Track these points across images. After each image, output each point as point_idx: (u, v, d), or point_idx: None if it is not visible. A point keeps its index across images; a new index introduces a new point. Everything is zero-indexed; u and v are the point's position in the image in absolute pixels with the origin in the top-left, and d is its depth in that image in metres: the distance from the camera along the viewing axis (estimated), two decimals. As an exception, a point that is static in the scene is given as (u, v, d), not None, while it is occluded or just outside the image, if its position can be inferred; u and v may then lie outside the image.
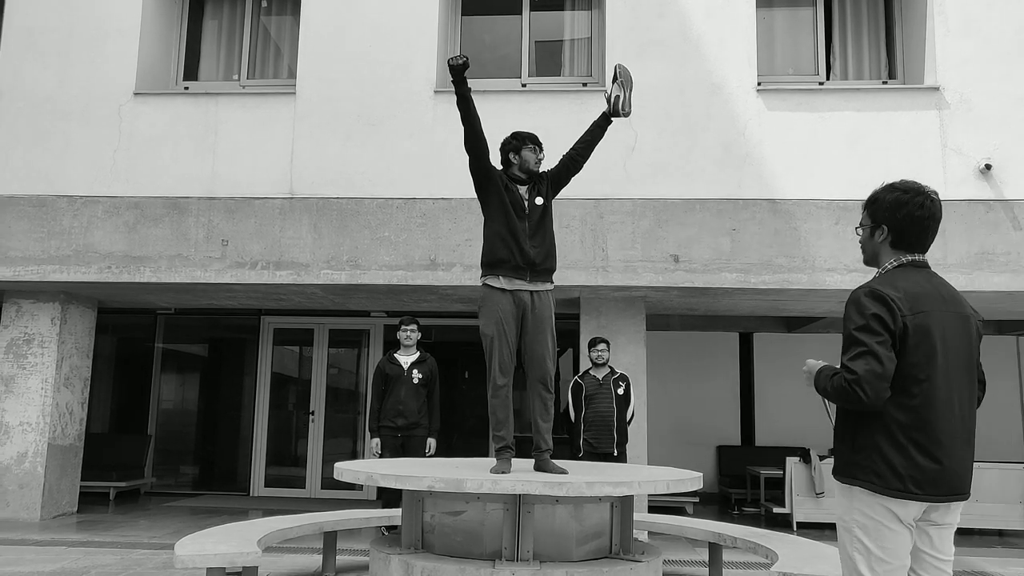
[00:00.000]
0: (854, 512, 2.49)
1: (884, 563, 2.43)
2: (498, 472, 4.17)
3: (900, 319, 2.44)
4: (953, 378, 2.48)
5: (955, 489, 2.45)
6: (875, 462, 2.44)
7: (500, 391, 4.36)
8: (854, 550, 2.48)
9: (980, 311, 8.94)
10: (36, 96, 8.22)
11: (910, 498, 2.41)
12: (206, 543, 4.52)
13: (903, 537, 2.45)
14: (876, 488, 2.43)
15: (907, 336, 2.44)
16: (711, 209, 7.63)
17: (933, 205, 2.57)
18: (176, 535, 7.45)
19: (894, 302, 2.45)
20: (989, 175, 7.51)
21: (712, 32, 7.85)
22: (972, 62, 7.68)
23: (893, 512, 2.44)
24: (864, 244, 2.72)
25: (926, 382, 2.44)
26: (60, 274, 7.93)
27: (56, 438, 8.59)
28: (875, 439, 2.45)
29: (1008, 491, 8.52)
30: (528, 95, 7.97)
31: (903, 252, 2.61)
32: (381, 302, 9.10)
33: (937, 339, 2.46)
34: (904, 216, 2.56)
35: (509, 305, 4.36)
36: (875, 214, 2.64)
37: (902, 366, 2.44)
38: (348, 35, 8.09)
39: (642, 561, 4.32)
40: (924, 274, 2.58)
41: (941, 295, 2.53)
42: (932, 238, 2.60)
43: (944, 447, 2.43)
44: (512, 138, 4.62)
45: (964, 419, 2.49)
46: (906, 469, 2.41)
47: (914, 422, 2.43)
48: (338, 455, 10.85)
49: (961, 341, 2.52)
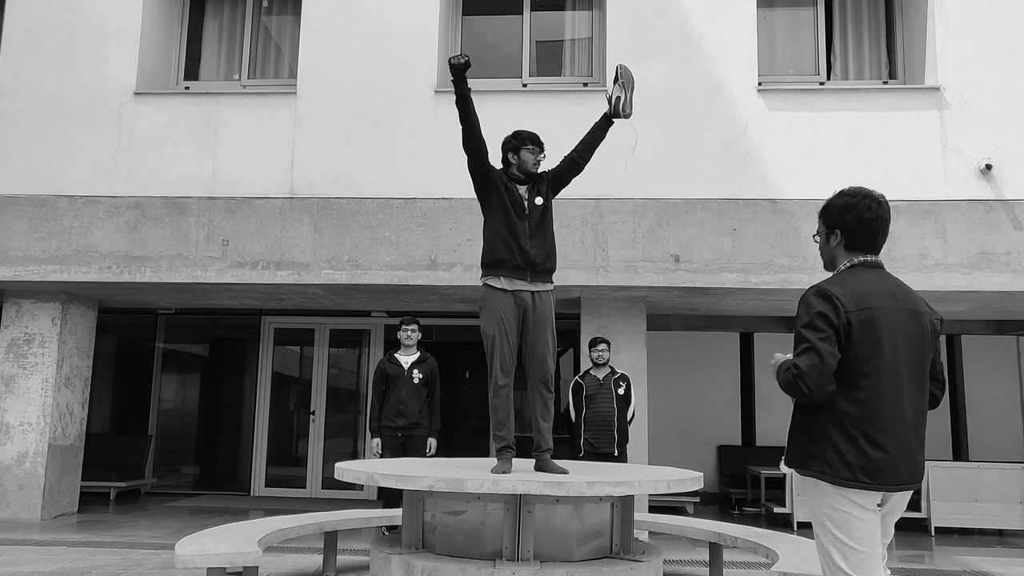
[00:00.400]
0: (823, 506, 2.58)
1: (857, 552, 2.52)
2: (499, 472, 4.17)
3: (844, 315, 2.55)
4: (902, 372, 2.58)
5: (904, 479, 2.55)
6: (827, 453, 2.55)
7: (501, 391, 4.36)
8: (829, 544, 2.57)
9: (980, 311, 8.94)
10: (37, 96, 8.22)
11: (860, 487, 2.51)
12: (207, 543, 4.52)
13: (871, 524, 2.54)
14: (827, 477, 2.54)
15: (852, 331, 2.55)
16: (712, 209, 7.63)
17: (880, 207, 2.70)
18: (176, 535, 7.46)
19: (838, 299, 2.56)
20: (990, 175, 7.51)
21: (713, 32, 7.85)
22: (973, 62, 7.68)
23: (855, 501, 2.53)
24: (822, 250, 2.85)
25: (873, 375, 2.55)
26: (61, 274, 7.94)
27: (56, 438, 8.59)
28: (827, 431, 2.57)
29: (1008, 491, 8.52)
30: (529, 95, 7.98)
31: (856, 253, 2.73)
32: (382, 302, 9.10)
33: (884, 334, 2.56)
34: (854, 219, 2.70)
35: (510, 305, 4.36)
36: (828, 220, 2.77)
37: (849, 360, 2.55)
38: (349, 35, 8.09)
39: (643, 561, 4.32)
40: (876, 273, 2.69)
41: (892, 293, 2.63)
42: (883, 239, 2.73)
43: (892, 437, 2.53)
44: (512, 137, 4.61)
45: (913, 411, 2.59)
46: (856, 459, 2.51)
47: (862, 413, 2.54)
48: (339, 455, 10.85)
49: (911, 337, 2.62)
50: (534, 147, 4.57)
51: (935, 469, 8.66)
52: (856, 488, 2.52)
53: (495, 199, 4.48)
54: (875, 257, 2.73)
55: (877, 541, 2.56)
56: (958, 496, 8.60)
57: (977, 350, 11.45)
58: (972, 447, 11.22)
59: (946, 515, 8.59)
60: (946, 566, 6.79)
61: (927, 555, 7.37)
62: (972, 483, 8.58)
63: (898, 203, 7.54)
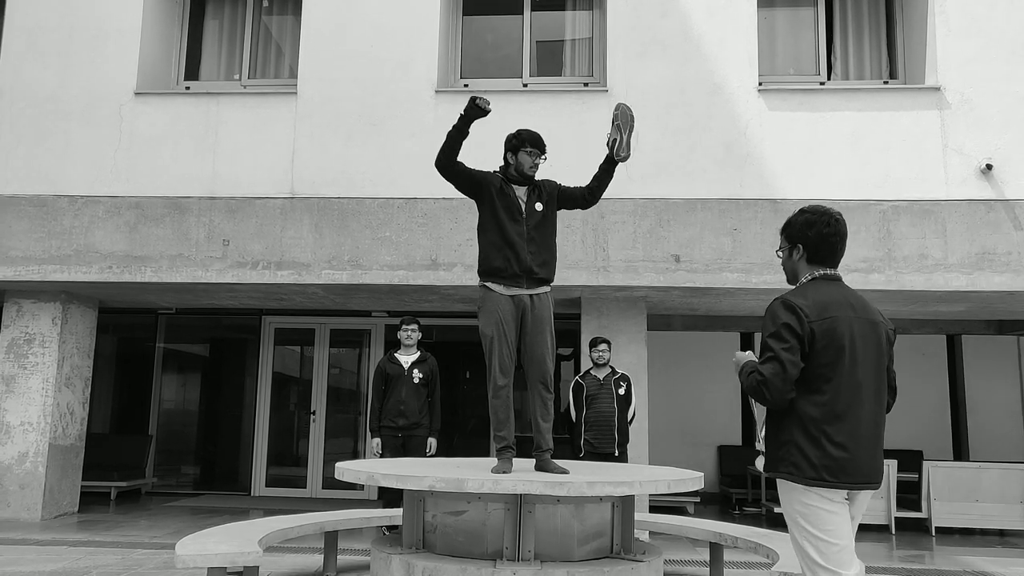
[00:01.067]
0: (794, 503, 2.74)
1: (831, 545, 2.67)
2: (499, 472, 4.17)
3: (807, 325, 2.73)
4: (861, 377, 2.76)
5: (866, 477, 2.72)
6: (793, 454, 2.73)
7: (501, 391, 4.35)
8: (803, 540, 2.72)
9: (981, 311, 8.94)
10: (37, 96, 8.22)
11: (824, 485, 2.67)
12: (207, 543, 4.52)
13: (841, 517, 2.70)
14: (794, 478, 2.71)
15: (815, 340, 2.74)
16: (712, 209, 7.63)
17: (838, 224, 2.90)
18: (177, 535, 7.46)
19: (802, 310, 2.75)
20: (990, 175, 7.51)
21: (713, 32, 7.85)
22: (973, 62, 7.68)
23: (823, 496, 2.69)
24: (784, 264, 3.03)
25: (835, 380, 2.72)
26: (61, 274, 7.94)
27: (57, 438, 8.60)
28: (793, 434, 2.74)
29: (1009, 491, 8.52)
30: (529, 95, 7.97)
31: (817, 267, 2.92)
32: (382, 302, 9.11)
33: (845, 342, 2.74)
34: (815, 234, 2.89)
35: (508, 306, 4.35)
36: (791, 236, 2.97)
37: (812, 367, 2.74)
38: (349, 35, 8.09)
39: (643, 561, 4.32)
40: (836, 286, 2.88)
41: (851, 304, 2.82)
42: (840, 254, 2.93)
43: (853, 438, 2.71)
44: (513, 137, 4.52)
45: (872, 414, 2.76)
46: (819, 459, 2.69)
47: (824, 416, 2.71)
48: (339, 455, 10.86)
49: (869, 344, 2.80)
50: (533, 150, 4.45)
51: (935, 469, 8.65)
52: (820, 486, 2.68)
53: (488, 206, 4.40)
54: (834, 271, 2.93)
55: (849, 533, 2.70)
56: (959, 496, 8.60)
57: (978, 350, 11.45)
58: (973, 447, 11.22)
59: (947, 515, 8.59)
60: (947, 566, 6.79)
61: (927, 555, 7.37)
62: (973, 483, 8.58)
63: (898, 203, 7.54)
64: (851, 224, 7.52)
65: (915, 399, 11.40)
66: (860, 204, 7.55)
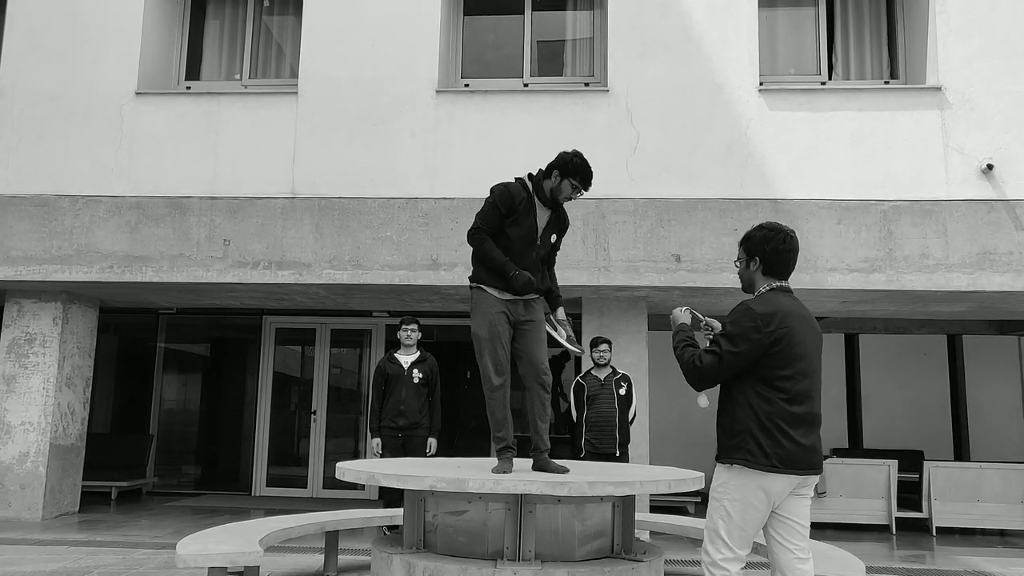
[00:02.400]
0: (728, 486, 3.13)
1: (741, 530, 3.10)
2: (500, 472, 4.16)
3: (766, 332, 3.07)
4: (810, 379, 3.14)
5: (812, 465, 3.11)
6: (748, 443, 3.08)
7: (497, 392, 4.32)
8: (719, 516, 3.14)
9: (982, 311, 8.94)
10: (38, 96, 8.23)
11: (776, 472, 3.03)
12: (208, 543, 4.52)
13: (762, 513, 3.11)
14: (751, 464, 3.05)
15: (773, 344, 3.07)
16: (713, 209, 7.62)
17: (792, 240, 3.25)
18: (178, 535, 7.46)
19: (763, 320, 3.09)
20: (991, 175, 7.51)
21: (714, 32, 7.85)
22: (974, 62, 7.68)
23: (764, 489, 3.06)
24: (741, 274, 3.37)
25: (789, 380, 3.09)
26: (62, 274, 7.94)
27: (58, 438, 8.60)
28: (748, 425, 3.09)
29: (1010, 491, 8.51)
30: (530, 95, 7.97)
31: (772, 279, 3.27)
32: (383, 302, 9.11)
33: (797, 348, 3.11)
34: (771, 249, 3.23)
35: (502, 307, 4.33)
36: (749, 249, 3.30)
37: (770, 367, 3.08)
38: (350, 35, 8.09)
39: (644, 561, 4.32)
40: (789, 297, 3.23)
41: (801, 314, 3.18)
42: (792, 267, 3.28)
43: (801, 431, 3.08)
44: (569, 161, 4.23)
45: (816, 411, 3.16)
46: (772, 448, 3.05)
47: (778, 412, 3.07)
48: (340, 455, 10.86)
49: (814, 350, 3.19)
50: (579, 186, 4.25)
51: (936, 469, 8.65)
52: (771, 473, 3.04)
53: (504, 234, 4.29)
54: (786, 283, 3.28)
55: (759, 526, 3.12)
56: (960, 496, 8.59)
57: (979, 350, 11.44)
58: (974, 447, 11.21)
59: (947, 515, 8.59)
60: (947, 566, 6.79)
61: (928, 555, 7.37)
62: (974, 483, 8.57)
63: (899, 203, 7.54)
64: (852, 224, 7.52)
65: (916, 399, 11.40)
66: (861, 204, 7.55)
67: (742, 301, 3.20)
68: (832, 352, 11.66)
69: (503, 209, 4.25)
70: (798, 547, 3.17)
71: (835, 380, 11.58)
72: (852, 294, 7.75)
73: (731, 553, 3.11)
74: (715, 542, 3.14)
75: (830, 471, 8.70)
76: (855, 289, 7.50)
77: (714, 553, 3.14)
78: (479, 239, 4.28)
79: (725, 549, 3.11)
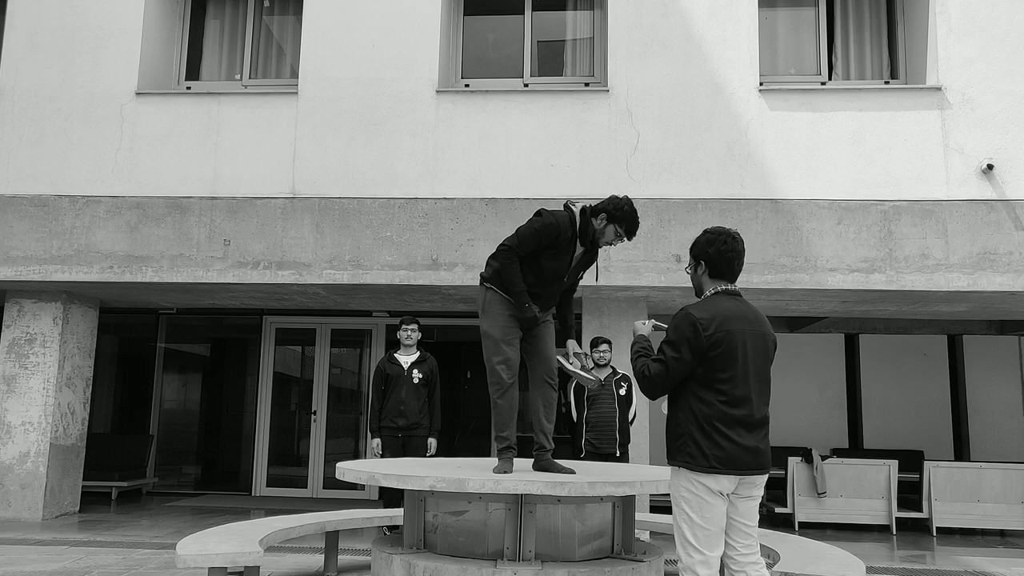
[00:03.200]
0: (680, 489, 3.20)
1: (704, 529, 3.15)
2: (501, 472, 4.17)
3: (703, 338, 3.14)
4: (750, 381, 3.20)
5: (751, 466, 3.16)
6: (689, 446, 3.17)
7: (507, 391, 4.31)
8: (682, 521, 3.20)
9: (982, 311, 8.93)
10: (38, 96, 8.23)
11: (715, 472, 3.11)
12: (208, 543, 4.52)
13: (719, 508, 3.16)
14: (690, 466, 3.15)
15: (712, 348, 3.15)
16: (714, 209, 7.62)
17: (736, 243, 3.31)
18: (178, 535, 7.46)
19: (702, 324, 3.16)
20: (991, 175, 7.50)
21: (715, 32, 7.85)
22: (975, 62, 7.67)
23: (707, 487, 3.12)
24: (692, 278, 3.43)
25: (728, 383, 3.16)
26: (62, 274, 7.94)
27: (58, 438, 8.60)
28: (689, 428, 3.18)
29: (1010, 491, 8.51)
30: (530, 95, 7.97)
31: (719, 281, 3.34)
32: (383, 302, 9.11)
33: (738, 350, 3.17)
34: (715, 252, 3.29)
35: (512, 308, 4.35)
36: (695, 254, 3.38)
37: (709, 370, 3.16)
38: (350, 35, 8.09)
39: (644, 561, 4.32)
40: (734, 300, 3.30)
41: (746, 316, 3.25)
42: (738, 269, 3.34)
43: (740, 433, 3.15)
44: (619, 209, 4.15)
45: (758, 413, 3.21)
46: (710, 449, 3.13)
47: (716, 414, 3.15)
48: (340, 455, 10.86)
49: (758, 352, 3.24)
50: (623, 235, 4.18)
51: (937, 469, 8.65)
52: (711, 474, 3.12)
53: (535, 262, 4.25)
54: (733, 286, 3.35)
55: (722, 520, 3.17)
56: (960, 496, 8.59)
57: (979, 350, 11.44)
58: (974, 447, 11.21)
59: (948, 515, 8.58)
60: (948, 566, 6.79)
61: (929, 555, 7.37)
62: (974, 483, 8.57)
63: (900, 203, 7.54)
64: (852, 224, 7.51)
65: (916, 399, 11.40)
66: (861, 204, 7.55)
67: (683, 307, 3.33)
68: (832, 352, 11.66)
69: (545, 242, 4.18)
70: (746, 546, 3.23)
71: (835, 380, 11.58)
72: (852, 294, 7.75)
73: (701, 556, 3.15)
74: (685, 547, 3.20)
75: (830, 471, 8.70)
76: (855, 289, 7.49)
77: (686, 558, 3.19)
78: (509, 259, 4.22)
79: (695, 552, 3.17)
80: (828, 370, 11.61)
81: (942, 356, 11.52)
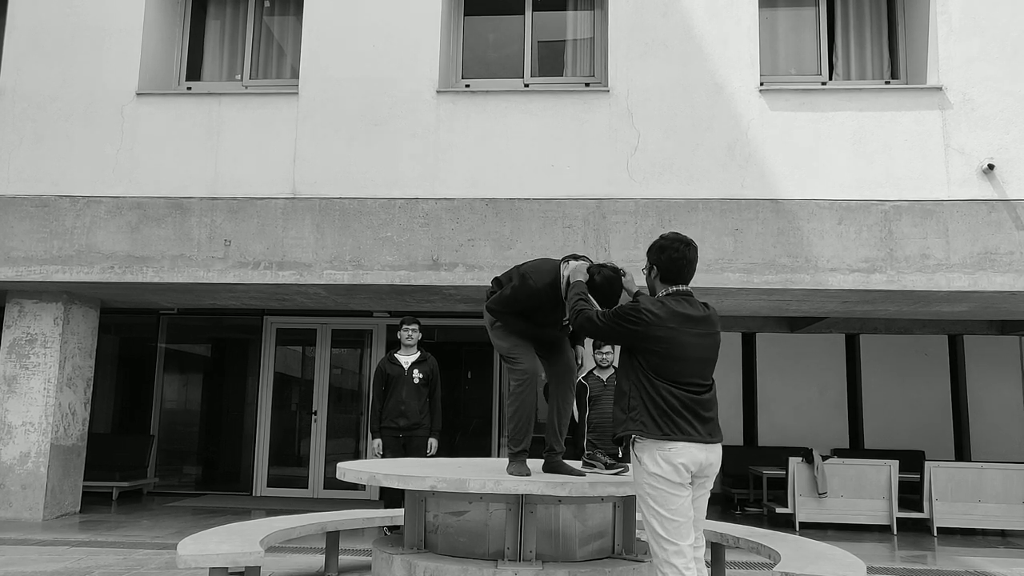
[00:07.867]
0: (644, 485, 3.34)
1: (673, 521, 3.27)
2: (516, 474, 4.12)
3: (644, 324, 3.36)
4: (692, 371, 3.40)
5: (703, 437, 3.34)
6: (642, 416, 3.37)
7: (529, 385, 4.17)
8: (651, 516, 3.32)
9: (983, 311, 8.93)
10: (39, 96, 8.23)
11: (665, 439, 3.29)
12: (209, 543, 4.52)
13: (684, 500, 3.31)
14: (643, 433, 3.33)
15: (659, 342, 3.35)
16: (714, 209, 7.62)
17: (687, 249, 3.51)
18: (179, 535, 7.46)
19: (648, 315, 3.38)
20: (992, 175, 7.50)
21: (715, 32, 7.85)
22: (975, 62, 7.67)
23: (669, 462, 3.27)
24: (647, 280, 3.64)
25: (676, 374, 3.36)
26: (63, 274, 7.94)
27: (59, 438, 8.60)
28: (642, 401, 3.39)
29: (1011, 491, 8.51)
30: (531, 95, 7.97)
31: (670, 284, 3.54)
32: (384, 302, 9.11)
33: (683, 347, 3.38)
34: (666, 258, 3.51)
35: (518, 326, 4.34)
36: (650, 258, 3.59)
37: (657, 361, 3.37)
38: (351, 35, 8.09)
39: (644, 561, 4.32)
40: (684, 302, 3.49)
41: (691, 317, 3.44)
42: (689, 274, 3.53)
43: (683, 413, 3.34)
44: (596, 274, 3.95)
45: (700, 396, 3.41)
46: (663, 420, 3.33)
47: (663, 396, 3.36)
48: (341, 455, 10.86)
49: (702, 348, 3.44)
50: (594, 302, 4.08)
51: (937, 469, 8.65)
52: (664, 440, 3.29)
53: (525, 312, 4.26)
54: (685, 287, 3.54)
55: (688, 510, 3.31)
56: (961, 496, 8.59)
57: (980, 350, 11.44)
58: (975, 447, 11.21)
59: (948, 515, 8.58)
60: (948, 566, 6.78)
61: (929, 555, 7.37)
62: (975, 483, 8.57)
63: (900, 203, 7.54)
64: (852, 224, 7.51)
65: (917, 399, 11.39)
66: (862, 204, 7.55)
67: (643, 294, 3.57)
68: (833, 352, 11.65)
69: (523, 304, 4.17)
70: (697, 539, 3.38)
71: (836, 380, 11.58)
72: (853, 294, 7.75)
73: (675, 546, 3.25)
74: (658, 541, 3.30)
75: (831, 471, 8.70)
76: (856, 289, 7.49)
77: (660, 552, 3.28)
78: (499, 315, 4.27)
79: (668, 544, 3.26)
80: (829, 370, 11.61)
81: (943, 356, 11.52)
